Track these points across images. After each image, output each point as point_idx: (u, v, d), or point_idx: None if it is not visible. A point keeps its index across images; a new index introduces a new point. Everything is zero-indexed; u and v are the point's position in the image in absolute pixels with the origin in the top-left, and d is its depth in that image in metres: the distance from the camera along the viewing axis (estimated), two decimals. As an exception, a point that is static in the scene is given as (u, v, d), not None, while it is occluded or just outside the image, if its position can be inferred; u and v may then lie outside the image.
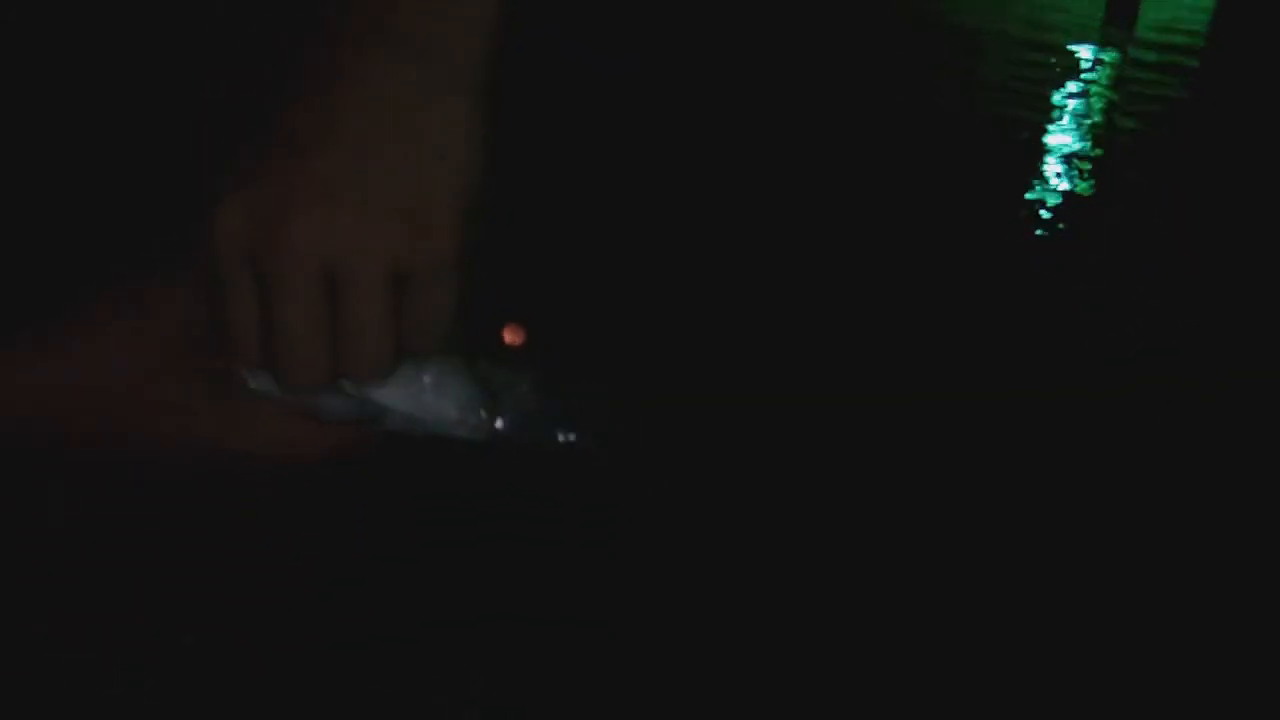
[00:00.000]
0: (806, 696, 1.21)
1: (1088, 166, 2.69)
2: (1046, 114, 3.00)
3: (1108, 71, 3.48)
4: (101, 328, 0.55)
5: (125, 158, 0.64)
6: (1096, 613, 1.48)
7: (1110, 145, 2.84)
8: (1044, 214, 2.45)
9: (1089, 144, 2.83)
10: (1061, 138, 2.86)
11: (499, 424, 0.54)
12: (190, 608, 0.65)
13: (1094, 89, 3.24)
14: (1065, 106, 3.08)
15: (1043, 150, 2.77)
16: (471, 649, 0.81)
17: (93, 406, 0.55)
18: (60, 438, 0.56)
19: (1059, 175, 2.64)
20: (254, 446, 0.56)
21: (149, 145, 0.63)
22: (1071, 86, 3.22)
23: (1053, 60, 3.42)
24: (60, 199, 0.65)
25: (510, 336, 0.57)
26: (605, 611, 1.03)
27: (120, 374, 0.55)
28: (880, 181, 2.36)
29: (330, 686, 0.69)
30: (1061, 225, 2.43)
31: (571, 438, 0.54)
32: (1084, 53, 3.61)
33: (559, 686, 0.87)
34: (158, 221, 0.53)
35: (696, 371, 1.52)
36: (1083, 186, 2.59)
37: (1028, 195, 2.53)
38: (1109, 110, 3.10)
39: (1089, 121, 2.98)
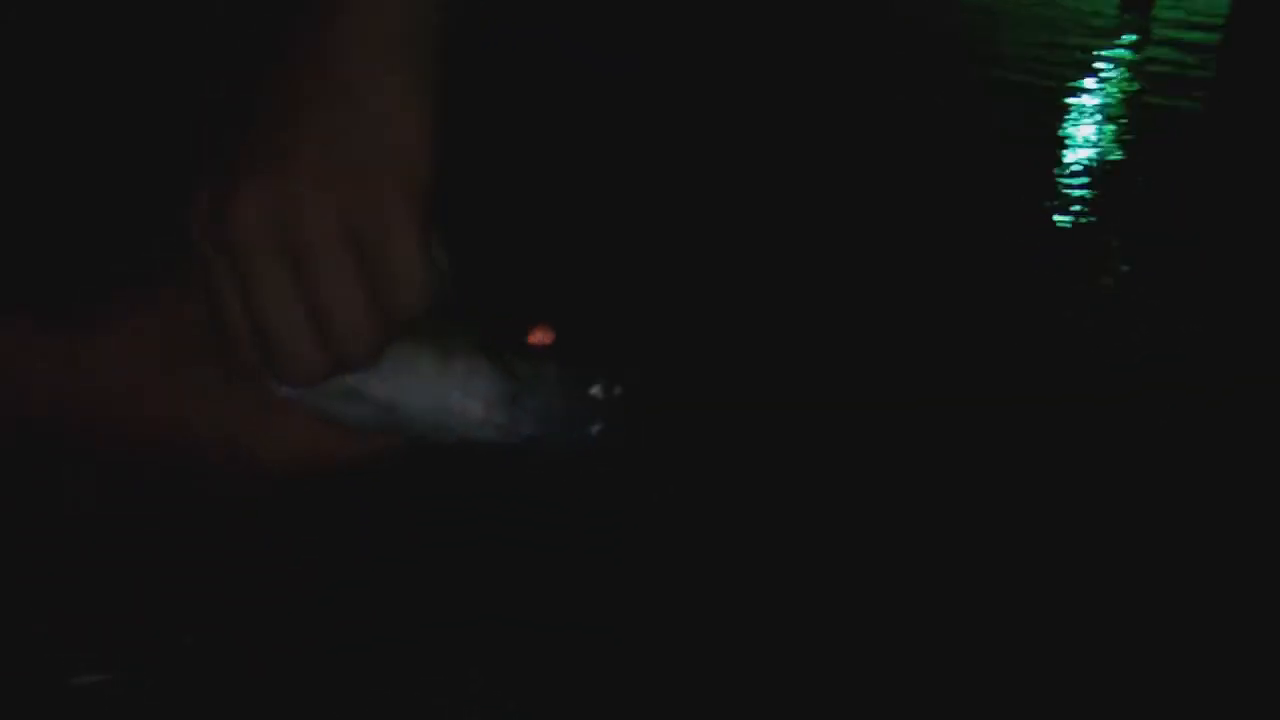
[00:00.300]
0: (809, 704, 1.21)
1: (1093, 165, 2.68)
2: (1051, 111, 2.99)
3: (1118, 64, 3.46)
4: (108, 326, 0.55)
5: (137, 153, 0.64)
6: (1104, 619, 1.47)
7: (1116, 144, 2.84)
8: (1045, 215, 2.45)
9: (1094, 141, 2.83)
10: (1065, 136, 2.85)
11: (524, 423, 0.53)
12: (190, 608, 0.65)
13: (1103, 82, 3.22)
14: (1070, 103, 3.07)
15: (1047, 149, 2.76)
16: (472, 649, 0.80)
17: (98, 406, 0.55)
18: (66, 438, 0.56)
19: (1063, 175, 2.63)
20: (277, 456, 0.55)
21: (158, 142, 0.63)
22: (1080, 82, 3.20)
23: (1062, 52, 3.40)
24: (69, 196, 0.65)
25: (539, 336, 0.57)
26: (607, 614, 1.03)
27: (123, 375, 0.55)
28: (882, 184, 2.36)
29: (330, 686, 0.69)
30: (1064, 227, 2.42)
31: (598, 431, 0.54)
32: (1096, 42, 3.59)
33: (559, 687, 0.87)
34: (168, 221, 0.53)
35: (699, 376, 1.52)
36: (1088, 186, 2.59)
37: (1030, 197, 2.53)
38: (1116, 105, 3.09)
39: (1094, 117, 2.97)
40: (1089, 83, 3.22)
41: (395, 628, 0.76)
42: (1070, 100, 3.12)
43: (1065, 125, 2.97)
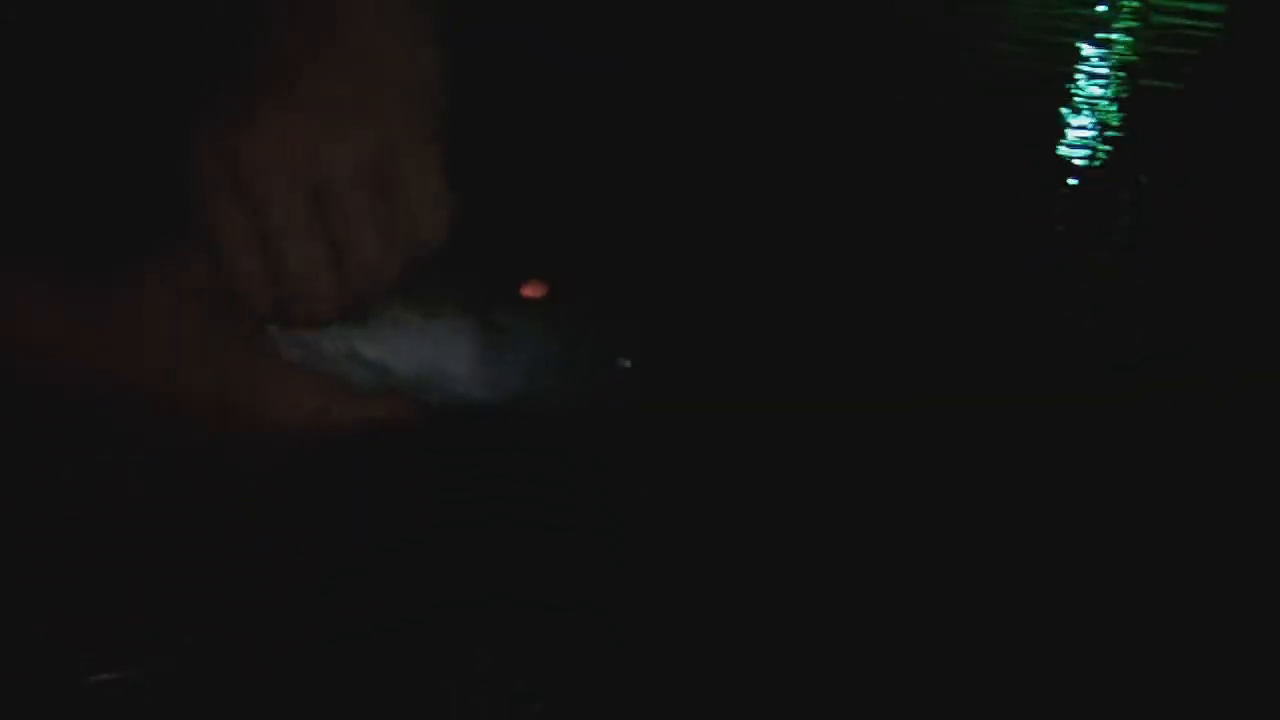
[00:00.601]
0: (811, 692, 1.21)
1: (1094, 160, 2.68)
2: (1051, 107, 2.98)
3: (1118, 49, 3.43)
4: (119, 288, 0.55)
5: (141, 115, 0.64)
6: (1107, 623, 1.47)
7: (1117, 137, 2.83)
8: (1045, 214, 2.44)
9: (1096, 135, 2.82)
10: (1066, 132, 2.84)
11: (510, 378, 0.53)
12: (190, 608, 0.65)
13: (1104, 68, 3.20)
14: (1071, 96, 3.06)
15: (1048, 147, 2.76)
16: (480, 630, 0.80)
17: (106, 367, 0.55)
18: (74, 399, 0.56)
19: (1064, 173, 2.62)
20: (282, 418, 0.56)
21: (158, 104, 0.62)
22: (1081, 69, 3.18)
23: (1055, 36, 3.37)
24: (77, 159, 0.65)
25: (531, 291, 0.57)
26: (617, 594, 1.03)
27: (133, 336, 0.55)
28: (881, 184, 2.35)
29: (334, 669, 0.69)
30: (1064, 226, 2.42)
31: (590, 389, 0.54)
32: (1092, 26, 3.54)
33: (568, 668, 0.87)
34: (173, 180, 0.53)
35: (694, 373, 1.52)
36: (1089, 183, 2.59)
37: (1030, 196, 2.52)
38: (1117, 92, 3.07)
39: (1095, 109, 2.95)
40: (1090, 70, 3.20)
41: (401, 609, 0.76)
42: (1071, 93, 3.11)
43: (1066, 120, 2.97)
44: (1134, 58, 3.43)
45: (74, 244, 0.57)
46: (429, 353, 0.54)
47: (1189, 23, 3.46)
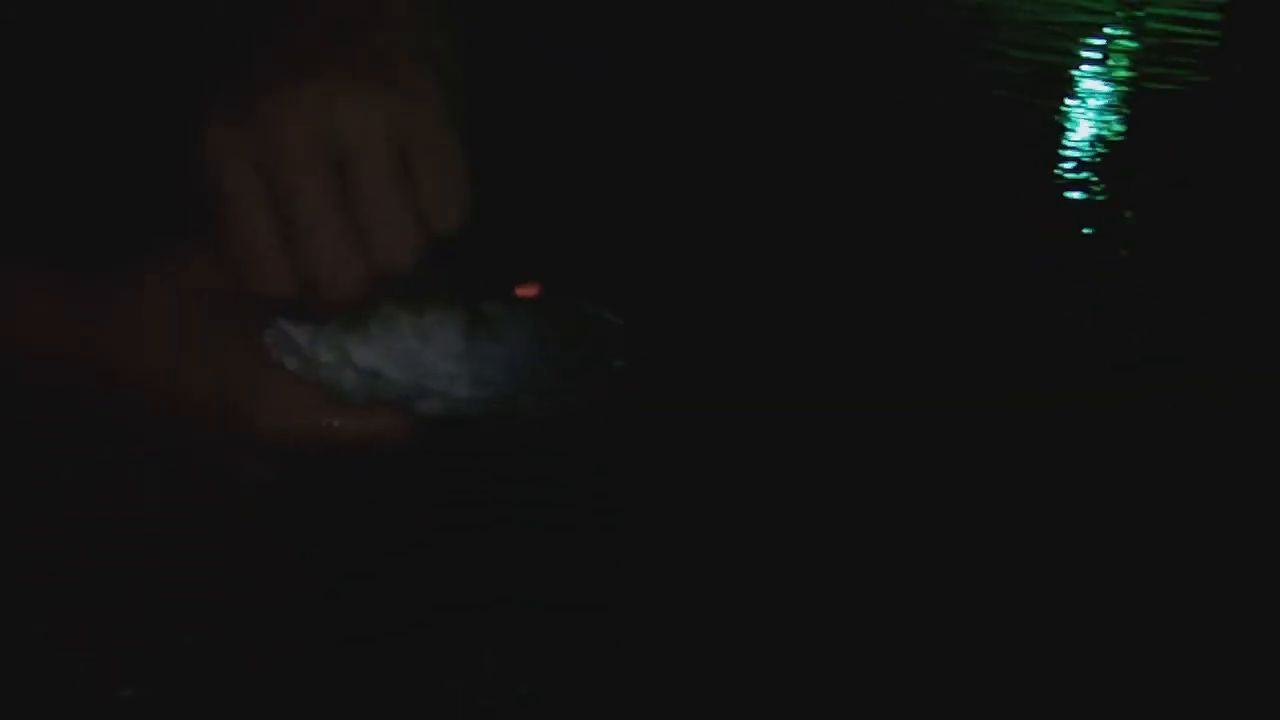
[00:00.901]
0: (810, 691, 1.21)
1: (1094, 161, 2.68)
2: (1050, 107, 2.98)
3: (1116, 52, 3.44)
4: (122, 287, 0.55)
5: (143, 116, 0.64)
6: (1106, 623, 1.47)
7: (1116, 137, 2.83)
8: (1045, 214, 2.45)
9: (1094, 136, 2.82)
10: (1064, 133, 2.84)
11: (495, 374, 0.53)
12: (190, 608, 0.65)
13: (1102, 70, 3.21)
14: (1069, 96, 3.06)
15: (1047, 147, 2.76)
16: (484, 632, 0.80)
17: (105, 365, 0.55)
18: (73, 394, 0.56)
19: (1063, 173, 2.63)
20: (277, 426, 0.55)
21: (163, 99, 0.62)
22: (1078, 72, 3.18)
23: (1055, 38, 3.38)
24: (80, 156, 0.64)
25: (525, 291, 0.56)
26: (621, 596, 1.03)
27: (133, 336, 0.55)
28: (881, 184, 2.35)
29: (339, 669, 0.69)
30: (1063, 226, 2.42)
31: (578, 387, 0.53)
32: (1090, 30, 3.55)
33: (572, 669, 0.87)
34: (175, 178, 0.53)
35: (693, 373, 1.52)
36: (1088, 184, 2.59)
37: (1030, 196, 2.52)
38: (1115, 94, 3.07)
39: (1093, 110, 2.96)
40: (1089, 71, 3.19)
41: (406, 611, 0.76)
42: (1070, 93, 3.10)
43: (1065, 121, 2.96)
44: (1132, 61, 3.43)
45: (74, 244, 0.57)
46: (411, 352, 0.53)
47: (1186, 30, 3.46)
